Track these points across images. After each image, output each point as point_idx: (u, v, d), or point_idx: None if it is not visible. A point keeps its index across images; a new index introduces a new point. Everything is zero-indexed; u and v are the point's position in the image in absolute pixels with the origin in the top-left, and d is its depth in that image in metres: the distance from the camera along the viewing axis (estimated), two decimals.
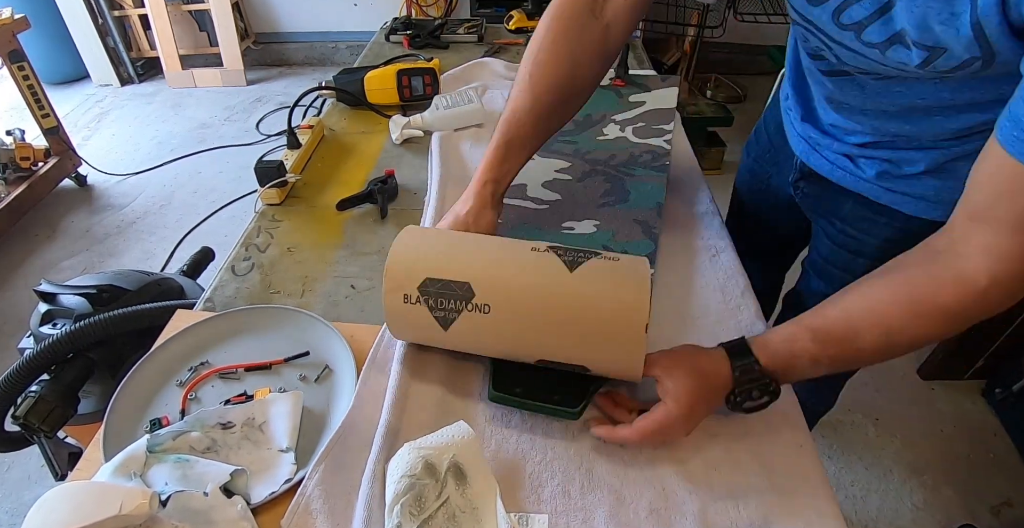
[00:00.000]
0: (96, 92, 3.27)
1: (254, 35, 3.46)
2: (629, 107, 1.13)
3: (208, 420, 0.59)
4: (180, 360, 0.68)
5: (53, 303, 1.10)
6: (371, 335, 0.69)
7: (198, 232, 2.22)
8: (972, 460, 1.45)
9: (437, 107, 1.11)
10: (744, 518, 0.53)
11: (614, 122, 1.08)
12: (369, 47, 1.54)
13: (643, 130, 1.06)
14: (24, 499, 1.39)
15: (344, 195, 0.94)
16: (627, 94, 1.18)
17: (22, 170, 2.24)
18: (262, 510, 0.54)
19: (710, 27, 2.63)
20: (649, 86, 1.21)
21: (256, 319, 0.72)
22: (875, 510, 1.34)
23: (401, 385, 0.63)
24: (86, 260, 2.12)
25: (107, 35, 3.18)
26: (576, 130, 1.06)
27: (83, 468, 0.58)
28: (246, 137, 2.80)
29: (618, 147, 1.02)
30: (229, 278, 0.81)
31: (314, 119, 1.13)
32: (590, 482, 0.56)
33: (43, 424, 0.89)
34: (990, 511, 1.35)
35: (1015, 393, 1.49)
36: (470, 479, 0.54)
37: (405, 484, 0.51)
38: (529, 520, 0.53)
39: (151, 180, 2.53)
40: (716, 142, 2.53)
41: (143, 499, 0.47)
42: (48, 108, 2.28)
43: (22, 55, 2.16)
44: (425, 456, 0.54)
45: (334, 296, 0.78)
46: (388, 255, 0.60)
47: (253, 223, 0.91)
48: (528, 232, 0.83)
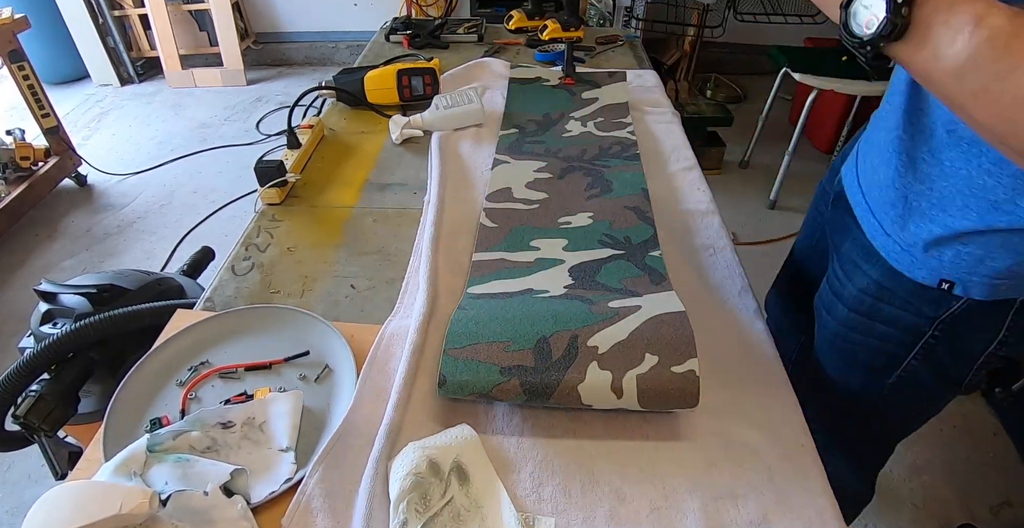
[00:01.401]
0: (96, 92, 3.27)
1: (254, 35, 3.46)
2: (584, 104, 1.16)
3: (208, 420, 0.59)
4: (180, 360, 0.68)
5: (53, 302, 1.11)
6: (371, 335, 0.69)
7: (198, 232, 2.22)
8: (972, 460, 1.45)
9: (437, 107, 1.11)
10: (744, 517, 0.53)
11: (574, 119, 1.12)
12: (369, 47, 1.54)
13: (604, 124, 1.09)
14: (24, 499, 1.39)
15: (344, 195, 0.94)
16: (579, 91, 1.22)
17: (22, 170, 2.24)
18: (262, 510, 0.54)
19: (710, 27, 2.63)
20: (599, 83, 1.25)
21: (256, 319, 0.72)
22: (875, 510, 1.34)
23: (405, 384, 0.63)
24: (86, 260, 2.12)
25: (107, 35, 3.18)
26: (539, 130, 1.08)
27: (83, 467, 0.58)
28: (246, 137, 2.80)
29: (585, 142, 1.04)
30: (229, 278, 0.81)
31: (314, 119, 1.13)
32: (591, 481, 0.56)
33: (43, 423, 0.89)
34: (990, 511, 1.35)
35: (1015, 393, 1.49)
36: (473, 479, 0.54)
37: (410, 482, 0.51)
38: (536, 521, 0.53)
39: (151, 180, 2.53)
40: (716, 142, 2.53)
41: (143, 498, 0.47)
42: (48, 108, 2.29)
43: (22, 55, 2.16)
44: (429, 455, 0.54)
45: (334, 296, 0.78)
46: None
47: (253, 223, 0.91)
48: (525, 232, 0.83)
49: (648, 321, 0.62)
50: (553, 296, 0.70)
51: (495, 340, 0.61)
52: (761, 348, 0.69)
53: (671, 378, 0.57)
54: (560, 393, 0.58)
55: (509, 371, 0.58)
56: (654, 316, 0.62)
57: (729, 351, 0.69)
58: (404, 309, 0.74)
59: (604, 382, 0.57)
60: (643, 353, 0.58)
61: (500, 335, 0.61)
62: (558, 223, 0.85)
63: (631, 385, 0.57)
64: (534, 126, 1.10)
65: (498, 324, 0.63)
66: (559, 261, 0.77)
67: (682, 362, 0.58)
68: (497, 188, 0.93)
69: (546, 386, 0.58)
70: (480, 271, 0.77)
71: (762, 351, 0.69)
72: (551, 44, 1.45)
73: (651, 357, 0.58)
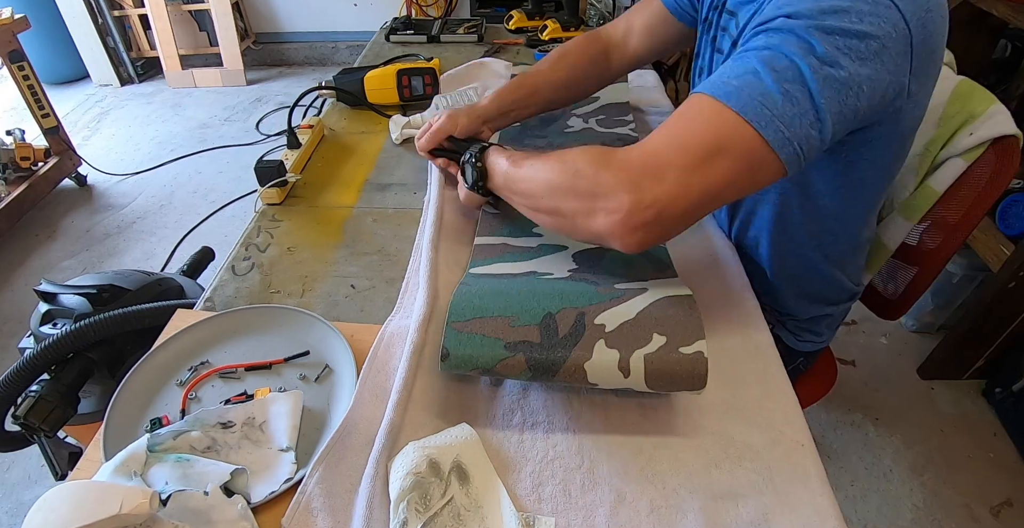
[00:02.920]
0: (96, 92, 3.27)
1: (254, 35, 3.46)
2: (585, 102, 1.16)
3: (208, 420, 0.59)
4: (180, 360, 0.68)
5: (53, 303, 1.10)
6: (371, 335, 0.69)
7: (198, 232, 2.22)
8: (972, 460, 1.45)
9: (437, 107, 1.11)
10: (744, 517, 0.53)
11: (575, 116, 1.12)
12: (369, 47, 1.54)
13: (606, 121, 1.10)
14: (24, 499, 1.39)
15: (344, 195, 0.94)
16: None
17: (22, 170, 2.24)
18: (262, 509, 0.54)
19: None
20: None
21: (256, 319, 0.72)
22: (875, 510, 1.35)
23: (405, 384, 0.63)
24: (86, 260, 2.12)
25: (107, 35, 3.18)
26: (541, 126, 1.09)
27: (83, 468, 0.58)
28: (246, 137, 2.80)
29: (587, 137, 1.05)
30: (229, 278, 0.81)
31: (314, 119, 1.13)
32: (591, 481, 0.56)
33: (43, 424, 0.89)
34: (990, 511, 1.35)
35: (1015, 393, 1.49)
36: (473, 479, 0.54)
37: (410, 481, 0.51)
38: (536, 521, 0.53)
39: (151, 180, 2.53)
40: None
41: (143, 498, 0.47)
42: (48, 108, 2.28)
43: (22, 55, 2.16)
44: (429, 455, 0.54)
45: (334, 296, 0.78)
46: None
47: (253, 223, 0.91)
48: (529, 225, 0.82)
49: (656, 302, 0.61)
50: (557, 278, 0.69)
51: (500, 315, 0.59)
52: (761, 348, 0.69)
53: (679, 359, 0.56)
54: (566, 371, 0.56)
55: (514, 347, 0.57)
56: (662, 297, 0.61)
57: (729, 351, 0.69)
58: (404, 309, 0.74)
59: (611, 361, 0.56)
60: (651, 333, 0.57)
61: (505, 310, 0.60)
62: None
63: (638, 365, 0.56)
64: (535, 121, 1.10)
65: (503, 299, 0.61)
66: (563, 247, 0.76)
67: (691, 343, 0.56)
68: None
69: (552, 363, 0.56)
70: (482, 254, 0.76)
71: (762, 351, 0.69)
72: (551, 44, 1.45)
73: (659, 337, 0.57)
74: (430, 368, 0.66)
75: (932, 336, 1.77)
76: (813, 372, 1.06)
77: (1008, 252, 1.41)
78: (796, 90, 0.53)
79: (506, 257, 0.75)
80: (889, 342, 1.76)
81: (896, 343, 1.76)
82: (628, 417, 0.61)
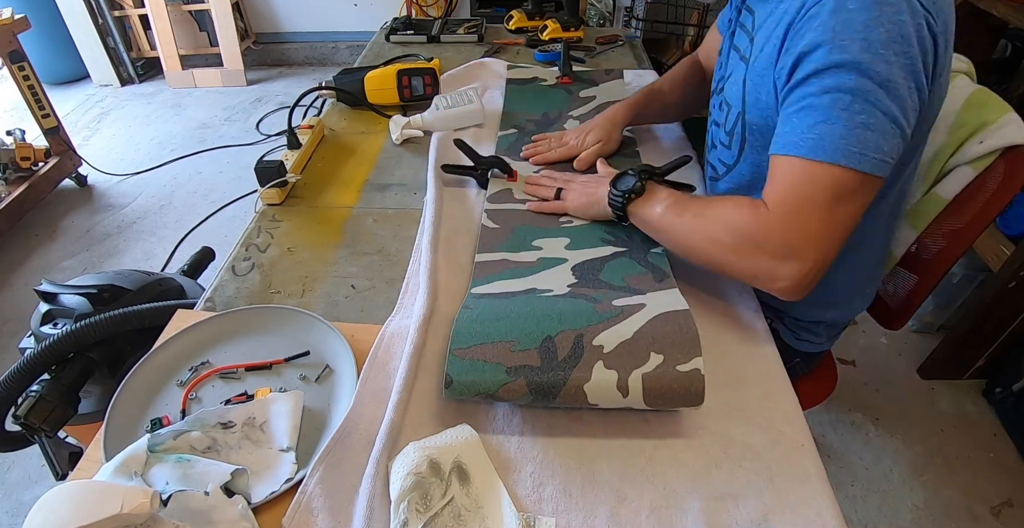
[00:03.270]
0: (96, 92, 3.27)
1: (254, 35, 3.46)
2: (582, 103, 1.16)
3: (209, 420, 0.59)
4: (180, 360, 0.68)
5: (54, 303, 1.11)
6: (371, 335, 0.69)
7: (198, 232, 2.22)
8: (972, 460, 1.45)
9: (437, 107, 1.11)
10: (744, 517, 0.53)
11: (572, 118, 1.12)
12: (369, 47, 1.54)
13: None
14: (24, 499, 1.39)
15: (344, 195, 0.94)
16: (576, 90, 1.22)
17: (22, 170, 2.24)
18: (263, 509, 0.54)
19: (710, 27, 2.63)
20: (596, 80, 1.25)
21: (256, 319, 0.72)
22: (875, 510, 1.34)
23: (405, 384, 0.63)
24: (86, 260, 2.12)
25: (107, 35, 3.18)
26: (538, 130, 1.09)
27: (84, 468, 0.58)
28: (246, 137, 2.80)
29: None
30: (229, 278, 0.81)
31: (314, 119, 1.13)
32: (591, 481, 0.56)
33: (44, 424, 0.89)
34: (990, 511, 1.35)
35: (1015, 393, 1.49)
36: (473, 479, 0.54)
37: (411, 481, 0.51)
38: (536, 521, 0.53)
39: (151, 180, 2.53)
40: None
41: (144, 498, 0.47)
42: (48, 108, 2.28)
43: (22, 55, 2.16)
44: (430, 455, 0.54)
45: (334, 296, 0.78)
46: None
47: (253, 223, 0.91)
48: (527, 232, 0.83)
49: (653, 319, 0.61)
50: (557, 295, 0.70)
51: (500, 340, 0.61)
52: (761, 348, 0.69)
53: (676, 377, 0.57)
54: (566, 393, 0.58)
55: (515, 371, 0.58)
56: (659, 315, 0.62)
57: (730, 351, 0.69)
58: (404, 309, 0.74)
59: (610, 381, 0.57)
60: (648, 352, 0.58)
61: (505, 335, 0.61)
62: (559, 222, 0.85)
63: (637, 384, 0.57)
64: (533, 126, 1.10)
65: (503, 324, 0.63)
66: (562, 260, 0.77)
67: (687, 361, 0.57)
68: (498, 189, 0.93)
69: (552, 386, 0.58)
70: (483, 272, 0.77)
71: (762, 351, 0.69)
72: (551, 44, 1.45)
73: (656, 356, 0.58)
74: (430, 368, 0.66)
75: (932, 336, 1.77)
76: (814, 375, 1.06)
77: (1008, 252, 1.41)
78: (873, 122, 0.60)
79: (506, 274, 0.76)
80: (889, 342, 1.76)
81: (896, 343, 1.76)
82: (628, 418, 0.61)
